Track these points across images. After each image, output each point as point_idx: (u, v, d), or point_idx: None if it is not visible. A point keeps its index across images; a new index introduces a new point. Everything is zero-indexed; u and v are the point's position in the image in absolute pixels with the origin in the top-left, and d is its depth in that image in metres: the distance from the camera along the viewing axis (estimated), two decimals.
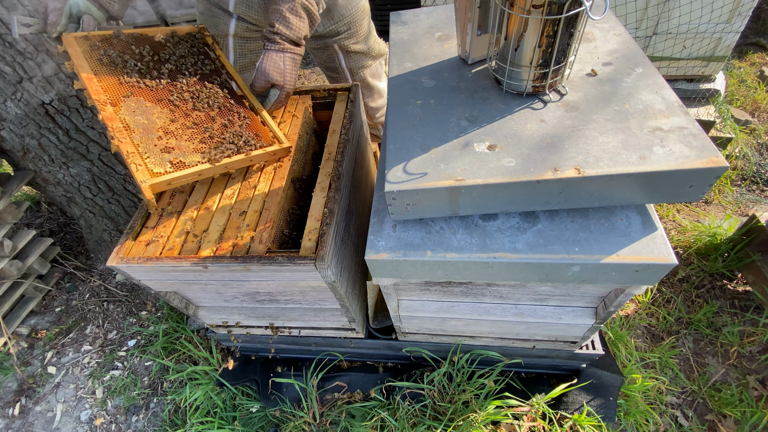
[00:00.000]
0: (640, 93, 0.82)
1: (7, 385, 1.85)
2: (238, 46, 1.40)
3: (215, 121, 1.06)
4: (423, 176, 0.76)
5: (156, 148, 0.96)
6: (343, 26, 1.43)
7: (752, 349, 1.60)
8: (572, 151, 0.74)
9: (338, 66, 1.57)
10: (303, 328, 1.36)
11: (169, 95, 1.05)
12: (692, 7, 1.99)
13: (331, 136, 1.17)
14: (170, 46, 1.13)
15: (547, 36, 0.74)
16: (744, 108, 2.53)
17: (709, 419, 1.46)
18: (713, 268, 1.80)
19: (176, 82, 1.08)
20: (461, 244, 0.84)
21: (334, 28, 1.42)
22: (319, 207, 1.00)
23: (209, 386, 1.60)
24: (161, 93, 1.05)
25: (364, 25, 1.50)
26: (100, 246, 2.15)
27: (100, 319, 2.03)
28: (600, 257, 0.77)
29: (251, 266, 0.92)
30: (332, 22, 1.40)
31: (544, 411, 1.36)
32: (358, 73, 1.60)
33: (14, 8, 1.13)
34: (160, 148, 0.96)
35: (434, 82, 0.95)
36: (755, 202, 2.12)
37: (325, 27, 1.40)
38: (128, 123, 0.96)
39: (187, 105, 1.06)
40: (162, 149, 0.96)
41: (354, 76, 1.60)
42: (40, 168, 1.77)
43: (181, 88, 1.08)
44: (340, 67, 1.57)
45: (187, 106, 1.06)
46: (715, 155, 0.68)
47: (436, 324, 1.21)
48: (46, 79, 1.55)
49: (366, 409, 1.46)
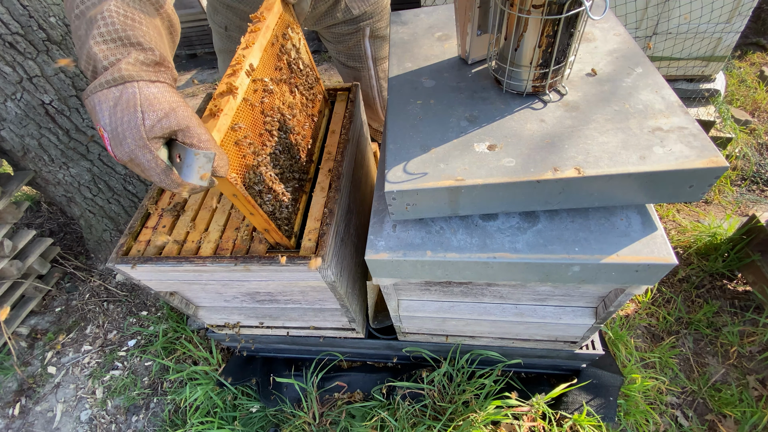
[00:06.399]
0: (640, 93, 0.82)
1: (7, 385, 1.85)
2: None
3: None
4: (423, 176, 0.76)
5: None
6: (374, 7, 1.40)
7: (752, 349, 1.60)
8: (572, 151, 0.74)
9: (362, 54, 1.50)
10: (303, 328, 1.36)
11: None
12: (692, 7, 1.99)
13: (331, 136, 1.17)
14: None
15: (547, 36, 0.74)
16: (744, 108, 2.53)
17: (709, 419, 1.46)
18: (713, 268, 1.80)
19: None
20: (461, 244, 0.84)
21: (369, 10, 1.39)
22: (319, 207, 1.00)
23: (209, 386, 1.60)
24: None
25: (389, 8, 1.47)
26: (100, 246, 2.15)
27: (100, 319, 2.03)
28: (600, 257, 0.77)
29: (251, 266, 0.92)
30: (367, 4, 1.37)
31: (544, 411, 1.36)
32: (381, 63, 1.55)
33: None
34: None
35: (434, 82, 0.95)
36: (755, 202, 2.12)
37: (360, 9, 1.37)
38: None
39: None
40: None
41: (377, 65, 1.55)
42: (40, 168, 1.77)
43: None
44: (364, 55, 1.50)
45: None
46: (715, 155, 0.68)
47: (436, 324, 1.21)
48: (46, 79, 1.55)
49: (366, 409, 1.46)
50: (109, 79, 0.54)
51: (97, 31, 0.55)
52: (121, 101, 0.54)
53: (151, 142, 0.56)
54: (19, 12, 1.43)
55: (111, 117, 0.55)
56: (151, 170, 0.57)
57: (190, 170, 0.59)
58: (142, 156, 0.56)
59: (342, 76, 1.64)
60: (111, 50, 0.55)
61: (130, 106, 0.54)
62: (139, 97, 0.55)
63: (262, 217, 0.83)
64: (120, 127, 0.54)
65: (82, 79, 1.64)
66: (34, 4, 1.47)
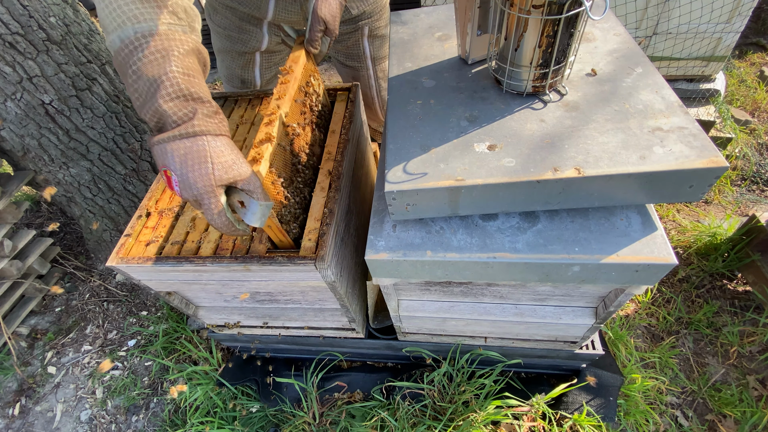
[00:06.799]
0: (640, 93, 0.82)
1: (7, 385, 1.85)
2: (264, 60, 1.41)
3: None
4: (423, 176, 0.76)
5: None
6: (373, 6, 1.40)
7: (752, 349, 1.60)
8: (572, 151, 0.74)
9: (361, 54, 1.49)
10: (303, 328, 1.36)
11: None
12: (692, 7, 1.99)
13: (331, 136, 1.17)
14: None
15: (547, 36, 0.74)
16: (744, 108, 2.53)
17: (709, 419, 1.46)
18: (713, 268, 1.80)
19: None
20: (461, 244, 0.84)
21: (368, 9, 1.38)
22: (319, 207, 1.00)
23: (209, 386, 1.60)
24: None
25: (387, 7, 1.47)
26: (100, 246, 2.15)
27: (100, 319, 2.03)
28: (600, 257, 0.77)
29: (251, 266, 0.92)
30: (366, 3, 1.37)
31: (544, 411, 1.36)
32: (380, 63, 1.55)
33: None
34: None
35: (434, 82, 0.95)
36: (755, 202, 2.12)
37: (358, 8, 1.37)
38: None
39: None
40: None
41: (376, 65, 1.54)
42: (40, 168, 1.77)
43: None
44: (363, 55, 1.50)
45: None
46: (715, 155, 0.68)
47: (436, 324, 1.21)
48: (47, 79, 1.55)
49: (366, 409, 1.46)
50: (182, 133, 0.64)
51: (165, 91, 0.63)
52: (192, 152, 0.64)
53: (217, 189, 0.66)
54: (19, 12, 1.43)
55: (182, 165, 0.64)
56: (211, 212, 0.67)
57: (255, 217, 0.71)
58: (207, 200, 0.66)
59: (341, 75, 1.64)
60: (178, 106, 0.65)
61: (201, 157, 0.65)
62: (208, 150, 0.65)
63: (281, 233, 0.91)
64: (191, 173, 0.65)
65: (81, 79, 1.64)
66: (34, 4, 1.46)
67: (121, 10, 0.64)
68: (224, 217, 0.69)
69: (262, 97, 1.32)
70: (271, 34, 1.33)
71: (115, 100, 1.78)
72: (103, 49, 1.75)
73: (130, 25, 0.64)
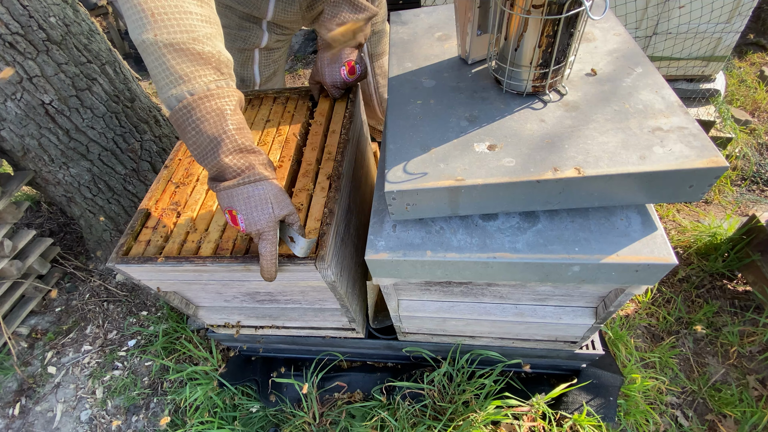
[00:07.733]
0: (640, 93, 0.82)
1: (7, 385, 1.85)
2: (263, 57, 1.41)
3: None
4: (423, 176, 0.76)
5: None
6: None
7: (752, 349, 1.60)
8: (572, 150, 0.74)
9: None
10: (303, 328, 1.36)
11: None
12: (692, 7, 1.99)
13: (330, 136, 1.17)
14: None
15: (547, 36, 0.74)
16: (744, 108, 2.53)
17: (709, 419, 1.46)
18: (713, 268, 1.80)
19: None
20: (461, 244, 0.84)
21: None
22: (319, 207, 0.99)
23: (209, 386, 1.60)
24: None
25: (384, 3, 1.46)
26: (100, 246, 2.15)
27: (100, 319, 2.03)
28: (600, 257, 0.77)
29: (251, 266, 0.92)
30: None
31: (544, 411, 1.36)
32: (378, 59, 1.54)
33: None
34: None
35: (434, 82, 0.95)
36: (755, 202, 2.12)
37: None
38: None
39: None
40: None
41: (374, 62, 1.54)
42: (40, 168, 1.77)
43: None
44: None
45: None
46: (715, 155, 0.68)
47: (436, 324, 1.21)
48: (47, 79, 1.55)
49: (366, 409, 1.46)
50: (245, 181, 0.75)
51: (225, 147, 0.73)
52: (254, 195, 0.76)
53: (275, 224, 0.79)
54: (19, 12, 1.43)
55: (246, 205, 0.76)
56: (270, 241, 0.80)
57: (302, 250, 0.84)
58: (268, 233, 0.79)
59: None
60: (237, 159, 0.75)
61: (263, 200, 0.77)
62: (269, 194, 0.77)
63: None
64: (255, 212, 0.77)
65: (81, 79, 1.64)
66: (34, 4, 1.47)
67: (173, 69, 0.70)
68: (275, 251, 0.81)
69: (262, 97, 1.32)
70: (271, 32, 1.33)
71: (115, 100, 1.78)
72: (104, 49, 1.75)
73: (183, 85, 0.70)
